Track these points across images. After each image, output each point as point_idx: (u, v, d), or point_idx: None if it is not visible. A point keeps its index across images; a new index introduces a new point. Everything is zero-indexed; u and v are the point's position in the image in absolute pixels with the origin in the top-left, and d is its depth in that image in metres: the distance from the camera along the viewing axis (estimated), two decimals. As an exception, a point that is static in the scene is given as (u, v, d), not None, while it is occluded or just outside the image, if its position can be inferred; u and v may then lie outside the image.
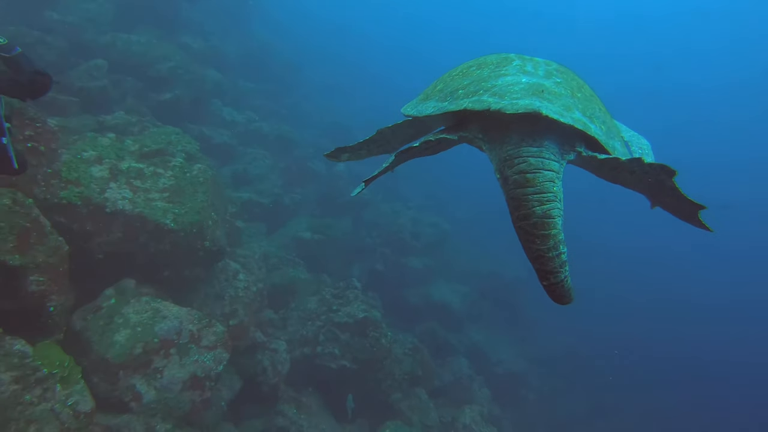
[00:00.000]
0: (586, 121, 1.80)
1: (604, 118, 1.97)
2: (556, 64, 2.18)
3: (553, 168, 1.76)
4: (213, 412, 6.31)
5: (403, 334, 9.62)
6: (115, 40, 10.41)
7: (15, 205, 4.58)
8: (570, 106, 1.80)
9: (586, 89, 2.09)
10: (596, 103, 2.04)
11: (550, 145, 1.79)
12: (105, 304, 5.61)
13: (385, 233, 12.02)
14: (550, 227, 1.65)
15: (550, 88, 1.86)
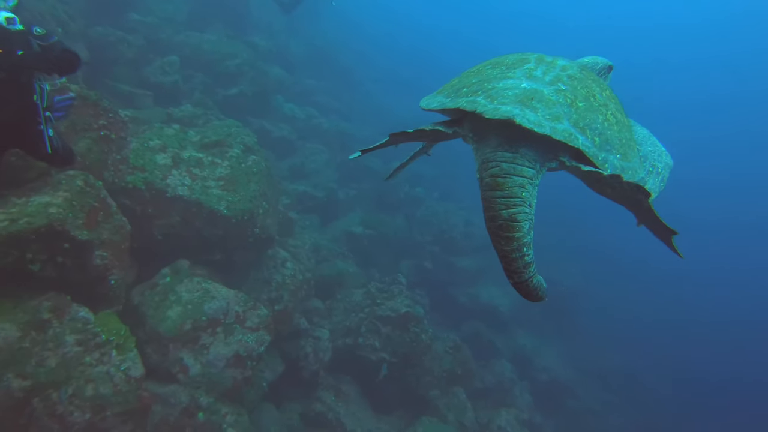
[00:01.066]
0: (572, 132, 1.83)
1: (604, 130, 1.95)
2: (575, 68, 2.18)
3: (526, 174, 1.83)
4: (254, 391, 6.65)
5: (447, 332, 9.66)
6: (188, 38, 11.09)
7: (86, 186, 5.07)
8: (558, 116, 1.85)
9: (598, 98, 2.07)
10: (604, 113, 2.03)
11: (526, 152, 1.86)
12: (161, 282, 6.07)
13: (436, 232, 12.07)
14: (515, 230, 1.74)
15: (544, 96, 1.90)
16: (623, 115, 2.19)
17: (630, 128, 2.19)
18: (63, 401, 4.33)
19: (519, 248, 1.75)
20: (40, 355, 4.38)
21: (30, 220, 4.51)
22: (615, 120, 2.04)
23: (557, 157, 1.93)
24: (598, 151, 1.90)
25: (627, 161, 2.01)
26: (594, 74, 2.26)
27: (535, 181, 1.87)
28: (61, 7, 8.63)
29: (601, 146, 1.92)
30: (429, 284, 11.07)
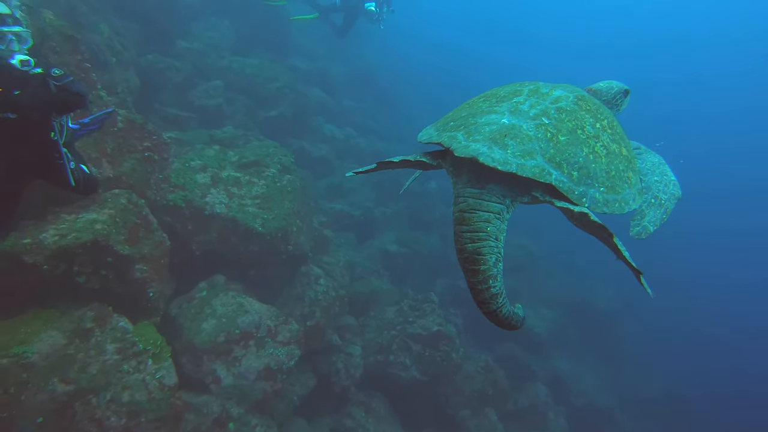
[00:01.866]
0: (545, 168, 1.86)
1: (586, 163, 1.94)
2: (571, 99, 2.15)
3: (492, 210, 1.89)
4: (285, 405, 6.80)
5: (480, 353, 9.56)
6: (231, 63, 11.63)
7: (129, 204, 5.42)
8: (531, 152, 1.89)
9: (588, 130, 2.05)
10: (591, 146, 2.00)
11: (494, 187, 1.92)
12: (197, 296, 6.35)
13: (471, 251, 11.99)
14: (480, 263, 1.81)
15: (521, 132, 1.94)
16: (621, 145, 2.16)
17: (628, 158, 2.17)
18: (101, 406, 4.59)
19: (485, 280, 1.82)
20: (83, 362, 4.67)
21: (77, 236, 4.86)
22: (605, 152, 2.04)
23: (530, 192, 1.97)
24: (575, 186, 1.91)
25: (614, 194, 2.00)
26: (595, 103, 2.25)
27: (503, 216, 1.93)
28: (117, 38, 9.25)
29: (579, 180, 1.93)
30: (463, 304, 10.98)
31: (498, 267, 1.88)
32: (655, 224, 2.23)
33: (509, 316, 1.91)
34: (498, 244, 1.90)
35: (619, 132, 2.21)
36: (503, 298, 1.86)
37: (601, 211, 1.95)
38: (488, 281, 1.83)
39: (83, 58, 5.44)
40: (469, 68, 26.15)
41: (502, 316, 1.88)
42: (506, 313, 1.89)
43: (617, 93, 2.65)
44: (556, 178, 1.89)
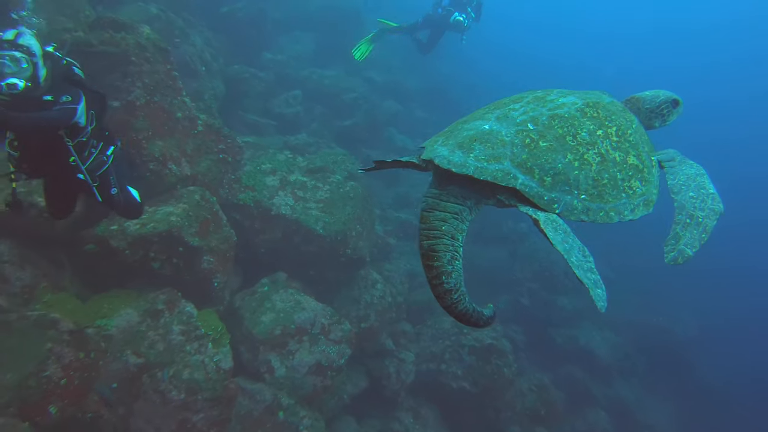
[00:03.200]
0: (511, 172, 1.89)
1: (566, 170, 1.94)
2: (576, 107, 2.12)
3: (449, 210, 1.94)
4: (335, 401, 7.06)
5: (537, 372, 9.33)
6: (311, 74, 12.25)
7: (202, 200, 5.94)
8: (499, 156, 1.92)
9: (583, 137, 2.02)
10: (579, 153, 1.98)
11: (454, 189, 1.97)
12: (260, 290, 6.77)
13: (536, 268, 11.73)
14: (434, 259, 1.86)
15: (497, 137, 1.97)
16: (629, 154, 2.09)
17: (637, 168, 2.09)
18: (165, 380, 5.07)
19: (438, 276, 1.85)
20: (152, 339, 5.19)
21: (155, 226, 5.42)
22: (598, 159, 2.01)
23: (495, 196, 1.99)
24: (545, 192, 1.92)
25: (600, 202, 1.97)
26: (609, 111, 2.19)
27: (462, 217, 1.97)
28: (208, 49, 10.11)
29: (552, 186, 1.93)
30: (525, 321, 10.78)
31: (454, 264, 1.90)
32: (693, 246, 2.07)
33: (466, 313, 1.92)
34: (454, 243, 1.93)
35: (632, 140, 2.15)
36: (459, 295, 1.88)
37: (579, 218, 1.95)
38: (441, 277, 1.87)
39: (172, 67, 6.06)
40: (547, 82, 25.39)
41: (458, 312, 1.90)
42: (462, 310, 1.91)
43: (662, 102, 2.55)
44: (523, 182, 1.90)
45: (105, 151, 3.79)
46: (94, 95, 3.63)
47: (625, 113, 2.30)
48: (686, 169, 2.35)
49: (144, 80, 5.63)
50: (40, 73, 3.18)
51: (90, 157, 3.63)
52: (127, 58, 5.50)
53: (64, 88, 3.32)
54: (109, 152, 3.82)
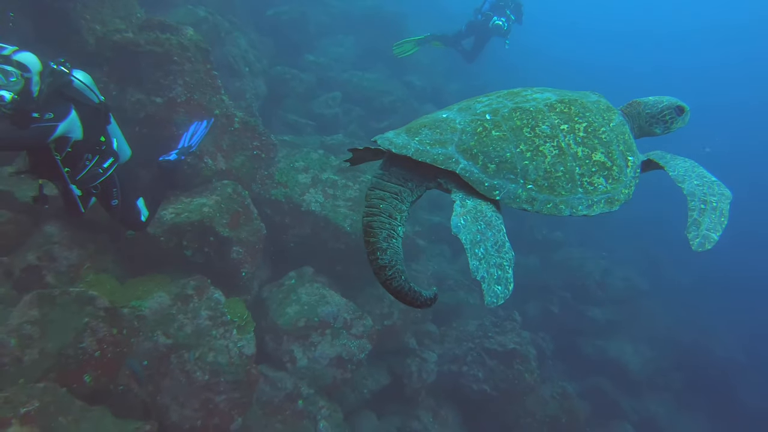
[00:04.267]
0: (453, 157, 1.94)
1: (515, 159, 1.96)
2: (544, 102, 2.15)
3: (389, 189, 2.01)
4: (355, 396, 7.23)
5: (563, 381, 9.22)
6: (351, 76, 12.53)
7: (234, 193, 6.25)
8: (444, 142, 1.98)
9: (543, 129, 2.04)
10: (533, 144, 2.00)
11: (397, 170, 2.04)
12: (286, 283, 7.03)
13: (568, 277, 11.58)
14: (370, 235, 1.93)
15: (449, 124, 2.05)
16: (596, 151, 2.07)
17: (604, 165, 2.09)
18: (191, 361, 5.37)
19: (373, 251, 1.91)
20: (181, 322, 5.51)
21: (189, 215, 5.75)
22: (556, 152, 2.03)
23: (435, 179, 2.05)
24: (487, 178, 1.96)
25: (549, 194, 1.98)
26: (584, 107, 2.20)
27: (401, 197, 2.02)
28: (252, 51, 10.53)
29: (495, 173, 1.96)
30: (554, 329, 10.65)
31: (390, 242, 1.94)
32: (715, 230, 2.04)
33: (401, 290, 1.93)
34: (392, 222, 1.98)
35: (604, 138, 2.14)
36: (394, 272, 1.91)
37: (521, 207, 1.99)
38: (376, 253, 1.92)
39: (211, 67, 6.41)
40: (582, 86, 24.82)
41: (393, 288, 1.93)
42: (396, 286, 1.92)
43: (665, 108, 2.50)
44: (464, 167, 1.95)
45: (101, 164, 3.88)
46: (89, 109, 3.69)
47: (606, 113, 2.27)
48: (681, 163, 2.36)
49: (185, 78, 5.99)
50: (33, 88, 3.24)
51: (84, 169, 3.74)
52: (170, 57, 5.88)
53: (53, 104, 3.38)
54: (106, 165, 3.91)
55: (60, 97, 3.47)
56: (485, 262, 1.85)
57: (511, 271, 1.89)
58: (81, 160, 3.74)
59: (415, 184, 2.06)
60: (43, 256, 5.44)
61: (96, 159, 3.86)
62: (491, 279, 1.83)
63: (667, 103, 2.52)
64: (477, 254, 1.86)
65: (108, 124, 4.02)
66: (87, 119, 3.67)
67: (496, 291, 1.83)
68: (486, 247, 1.88)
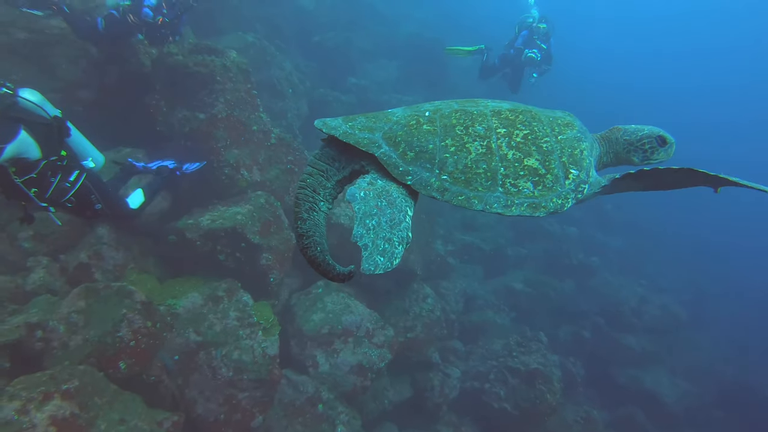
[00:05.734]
0: (376, 141, 2.08)
1: (435, 151, 2.06)
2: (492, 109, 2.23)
3: (317, 167, 2.16)
4: (376, 405, 7.40)
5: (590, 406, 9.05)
6: (390, 98, 12.96)
7: (267, 203, 6.67)
8: (373, 129, 2.13)
9: (477, 130, 2.12)
10: (460, 141, 2.08)
11: (328, 151, 2.20)
12: (314, 291, 7.35)
13: (603, 303, 11.36)
14: (295, 206, 2.10)
15: (384, 116, 2.20)
16: (530, 157, 2.13)
17: (535, 171, 2.13)
18: (217, 358, 5.74)
19: (296, 220, 2.07)
20: (211, 321, 5.91)
21: (223, 222, 6.20)
22: (482, 151, 2.09)
23: (359, 162, 2.17)
24: (403, 164, 2.06)
25: (462, 187, 2.06)
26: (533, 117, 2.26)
27: (328, 175, 2.17)
28: (296, 74, 11.15)
29: (412, 161, 2.06)
30: (586, 355, 10.46)
31: (310, 214, 2.08)
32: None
33: (315, 259, 2.02)
34: (315, 196, 2.11)
35: (544, 148, 2.18)
36: (311, 241, 2.03)
37: (431, 195, 2.06)
38: (297, 222, 2.06)
39: (252, 86, 6.93)
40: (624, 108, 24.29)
41: (308, 257, 2.03)
42: (311, 255, 2.02)
43: (644, 137, 2.47)
44: (384, 152, 2.06)
45: (66, 178, 3.95)
46: (41, 127, 3.70)
47: (560, 127, 2.29)
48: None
49: (226, 96, 6.52)
50: None
51: (50, 186, 3.83)
52: (213, 77, 6.43)
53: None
54: (72, 178, 3.99)
55: (5, 119, 3.49)
56: (373, 233, 1.92)
57: (401, 249, 1.94)
58: (45, 179, 3.77)
59: (341, 165, 2.19)
60: (93, 255, 6.00)
61: (60, 175, 3.89)
62: (375, 249, 1.89)
63: (648, 132, 2.48)
64: (367, 224, 1.93)
65: (67, 137, 3.99)
66: (41, 137, 3.66)
67: (377, 261, 1.87)
68: (379, 220, 1.95)
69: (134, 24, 6.10)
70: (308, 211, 2.08)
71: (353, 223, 7.34)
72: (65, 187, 3.95)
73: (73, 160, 4.05)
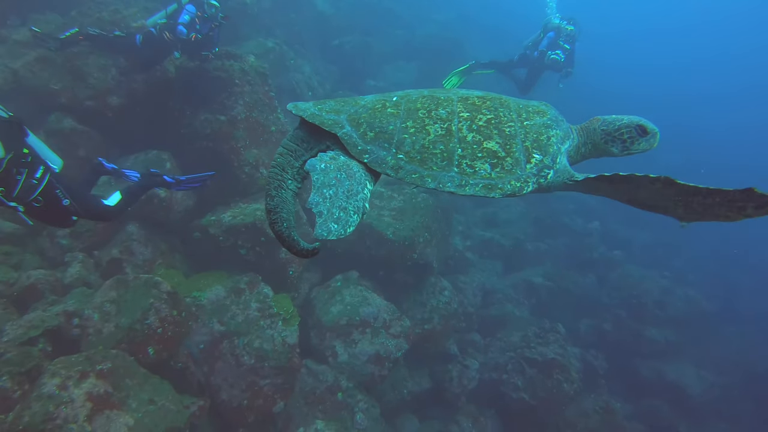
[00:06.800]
0: (339, 123, 2.19)
1: (394, 132, 2.15)
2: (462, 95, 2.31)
3: (287, 147, 2.26)
4: (394, 394, 7.61)
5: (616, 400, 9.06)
6: (408, 99, 13.18)
7: (285, 200, 6.97)
8: (339, 111, 2.25)
9: (440, 114, 2.18)
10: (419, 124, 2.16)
11: (299, 132, 2.30)
12: (333, 285, 7.62)
13: (625, 295, 11.30)
14: (266, 184, 2.22)
15: (354, 101, 2.30)
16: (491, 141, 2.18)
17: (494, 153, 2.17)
18: (240, 347, 6.05)
19: (265, 197, 2.18)
20: (233, 312, 6.23)
21: (243, 218, 6.52)
22: (442, 133, 2.16)
23: (324, 142, 2.25)
24: (362, 143, 2.15)
25: (416, 165, 2.13)
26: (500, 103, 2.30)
27: (296, 154, 2.25)
28: (315, 77, 11.49)
29: (372, 141, 2.16)
30: (608, 348, 10.43)
31: (279, 192, 2.18)
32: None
33: (281, 234, 2.13)
34: (283, 174, 2.21)
35: (506, 132, 2.22)
36: (277, 217, 2.14)
37: (386, 172, 2.14)
38: (266, 199, 2.17)
39: (269, 89, 7.26)
40: None
41: (275, 231, 2.14)
42: (278, 230, 2.13)
43: (623, 127, 2.44)
44: (345, 132, 2.16)
45: (33, 175, 3.92)
46: (1, 124, 3.71)
47: (529, 114, 2.34)
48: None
49: (245, 99, 6.86)
50: None
51: (17, 185, 3.80)
52: (232, 81, 6.78)
53: None
54: (38, 174, 3.96)
55: None
56: (329, 202, 1.98)
57: (356, 218, 2.02)
58: (11, 176, 3.77)
59: (309, 146, 2.28)
60: (124, 250, 6.41)
61: (26, 172, 3.88)
62: (330, 216, 1.95)
63: (627, 122, 2.44)
64: (324, 193, 1.98)
65: (26, 137, 4.02)
66: (2, 134, 3.70)
67: (331, 227, 1.94)
68: (336, 190, 2.01)
69: (170, 41, 6.50)
70: (276, 188, 2.19)
71: (370, 218, 7.56)
72: (32, 184, 3.90)
73: (36, 157, 4.03)
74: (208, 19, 6.63)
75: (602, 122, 2.48)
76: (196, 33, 6.53)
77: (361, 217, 2.06)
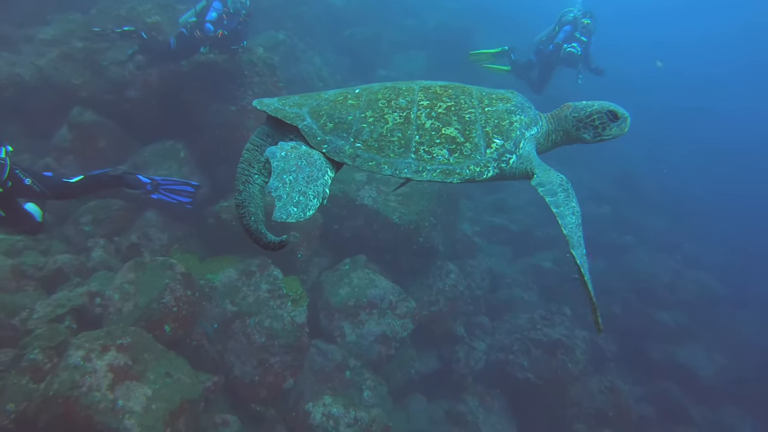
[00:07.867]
0: (300, 116, 2.22)
1: (353, 123, 2.19)
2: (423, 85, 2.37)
3: (253, 142, 2.32)
4: (402, 373, 7.89)
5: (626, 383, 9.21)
6: (418, 88, 13.34)
7: (294, 187, 7.26)
8: (301, 104, 2.29)
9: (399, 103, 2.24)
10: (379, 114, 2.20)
11: (265, 128, 2.36)
12: (341, 268, 7.90)
13: (634, 279, 11.36)
14: (236, 179, 2.28)
15: (317, 95, 2.36)
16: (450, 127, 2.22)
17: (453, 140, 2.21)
18: (251, 326, 6.39)
19: (234, 192, 2.25)
20: (245, 293, 6.56)
21: (254, 204, 6.82)
22: (400, 121, 2.21)
23: (288, 135, 2.27)
24: (321, 134, 2.19)
25: (374, 153, 2.17)
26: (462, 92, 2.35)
27: (262, 149, 2.29)
28: (326, 68, 11.74)
29: (331, 131, 2.20)
30: (618, 331, 10.53)
31: (246, 186, 2.23)
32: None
33: (249, 228, 2.20)
34: (250, 169, 2.26)
35: (466, 118, 2.26)
36: (245, 211, 2.21)
37: (344, 161, 2.20)
38: (235, 193, 2.24)
39: (277, 79, 7.55)
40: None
41: (242, 225, 2.21)
42: (245, 224, 2.20)
43: (594, 113, 2.45)
44: (306, 124, 2.20)
45: None
46: None
47: (491, 100, 2.36)
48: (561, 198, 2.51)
49: (254, 89, 7.16)
50: None
51: None
52: (242, 72, 7.08)
53: None
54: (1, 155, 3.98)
55: None
56: (289, 187, 2.01)
57: (316, 202, 2.07)
58: None
59: (274, 140, 2.30)
60: (142, 236, 6.79)
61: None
62: (289, 200, 1.98)
63: (597, 107, 2.45)
64: (283, 179, 2.02)
65: None
66: None
67: (290, 210, 1.97)
68: (297, 176, 2.04)
69: (200, 38, 6.82)
70: (244, 183, 2.25)
71: (376, 204, 7.84)
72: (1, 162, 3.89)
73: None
74: (234, 14, 6.92)
75: (573, 109, 2.50)
76: (223, 29, 6.81)
77: (321, 201, 2.10)
